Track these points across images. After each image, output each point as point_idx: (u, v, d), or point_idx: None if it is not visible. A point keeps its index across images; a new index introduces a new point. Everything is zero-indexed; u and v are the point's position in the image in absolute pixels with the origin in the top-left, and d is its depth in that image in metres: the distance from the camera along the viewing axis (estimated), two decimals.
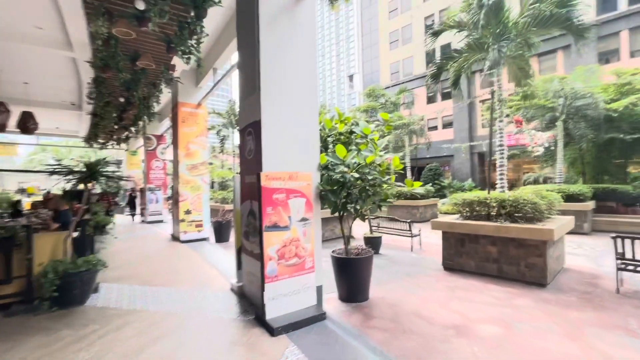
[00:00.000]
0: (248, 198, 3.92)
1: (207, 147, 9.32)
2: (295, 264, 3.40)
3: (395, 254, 7.14)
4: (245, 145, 4.00)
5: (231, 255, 6.65)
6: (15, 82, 8.91)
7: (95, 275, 3.97)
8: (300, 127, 3.80)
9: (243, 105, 4.18)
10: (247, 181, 3.97)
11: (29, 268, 3.75)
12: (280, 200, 3.32)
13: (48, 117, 12.56)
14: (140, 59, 5.86)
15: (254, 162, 3.69)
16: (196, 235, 8.71)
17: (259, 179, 3.25)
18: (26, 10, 5.72)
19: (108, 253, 6.99)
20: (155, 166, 14.05)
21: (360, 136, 4.34)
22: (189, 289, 4.49)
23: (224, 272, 5.31)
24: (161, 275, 5.23)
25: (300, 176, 3.50)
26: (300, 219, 3.45)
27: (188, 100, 8.99)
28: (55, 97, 10.47)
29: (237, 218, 4.39)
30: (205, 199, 9.10)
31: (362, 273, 4.36)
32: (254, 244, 3.69)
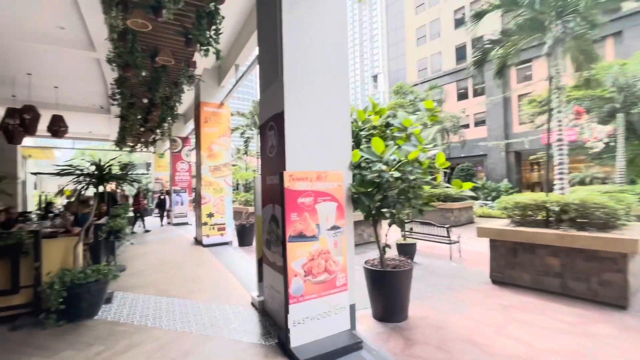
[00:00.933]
0: (270, 202, 3.44)
1: (230, 148, 9.02)
2: (325, 280, 2.85)
3: (432, 263, 6.42)
4: (267, 141, 3.51)
5: (253, 262, 6.23)
6: (46, 87, 9.06)
7: (105, 286, 3.64)
8: (329, 119, 3.26)
9: (263, 97, 3.71)
10: (268, 182, 3.49)
11: (36, 277, 3.47)
12: (307, 204, 2.79)
13: (79, 121, 12.86)
14: (159, 55, 5.58)
15: (277, 161, 3.20)
16: (219, 239, 8.40)
17: (282, 180, 2.74)
18: (48, 9, 5.61)
19: (128, 257, 6.80)
20: (181, 168, 14.06)
21: (397, 129, 3.73)
22: (206, 301, 4.07)
23: (245, 282, 4.86)
24: (179, 283, 4.87)
25: (330, 176, 2.95)
26: (330, 227, 2.90)
27: (210, 100, 8.73)
28: (84, 100, 10.63)
29: (257, 224, 3.92)
30: (228, 201, 8.79)
31: (401, 288, 3.74)
32: (277, 255, 3.19)
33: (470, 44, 25.93)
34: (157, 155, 18.06)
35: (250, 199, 10.65)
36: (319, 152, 3.14)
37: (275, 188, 3.25)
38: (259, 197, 3.89)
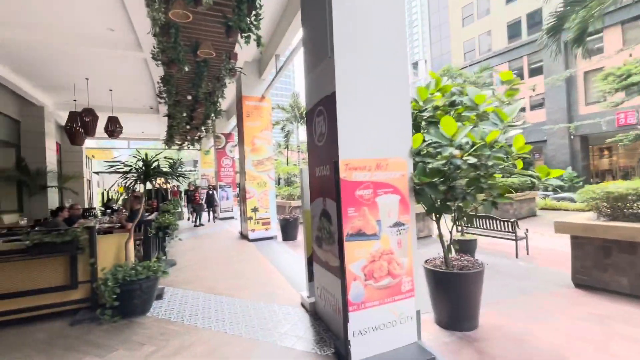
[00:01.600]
0: (320, 195, 3.11)
1: (272, 142, 8.90)
2: (388, 285, 2.46)
3: (497, 262, 5.71)
4: (315, 128, 3.17)
5: (299, 258, 6.00)
6: (102, 90, 9.61)
7: (155, 283, 3.59)
8: (386, 99, 2.82)
9: (310, 80, 3.36)
10: (317, 174, 3.16)
11: (92, 273, 3.50)
12: (366, 198, 2.41)
13: (132, 122, 13.64)
14: (200, 48, 5.50)
15: (327, 149, 2.85)
16: (264, 234, 8.35)
17: (337, 170, 2.38)
18: (98, 13, 5.78)
19: (179, 251, 6.95)
20: (225, 164, 14.39)
21: (465, 108, 3.18)
22: (254, 300, 3.89)
23: (293, 280, 4.63)
24: (227, 279, 4.78)
25: (391, 164, 2.54)
26: (392, 223, 2.49)
27: (252, 93, 8.64)
28: (135, 102, 11.17)
29: (306, 220, 3.62)
30: (272, 195, 8.70)
31: (470, 293, 3.23)
32: (329, 254, 2.86)
33: (525, 19, 23.45)
34: (203, 152, 18.76)
35: (293, 193, 10.51)
36: (376, 138, 2.73)
37: (325, 180, 2.91)
38: (307, 191, 3.58)
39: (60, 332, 3.18)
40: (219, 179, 14.03)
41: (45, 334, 3.14)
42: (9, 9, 5.49)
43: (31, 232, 3.20)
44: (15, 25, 5.97)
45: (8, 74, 8.18)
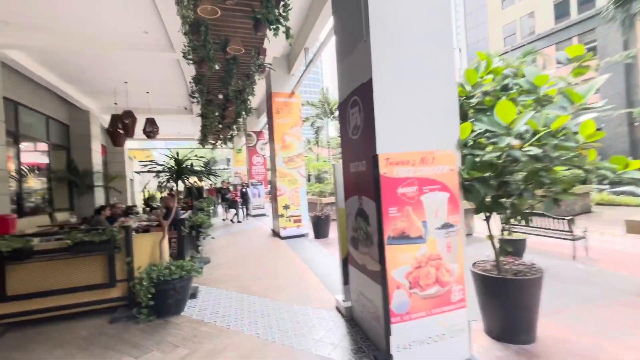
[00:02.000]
0: (355, 193, 2.87)
1: (302, 138, 8.77)
2: (437, 295, 2.18)
3: (550, 264, 5.15)
4: (349, 121, 2.94)
5: (332, 257, 5.81)
6: (139, 92, 9.99)
7: (189, 283, 3.56)
8: (429, 85, 2.51)
9: (343, 68, 3.13)
10: (352, 170, 2.92)
11: (129, 272, 3.53)
12: (410, 196, 2.14)
13: (168, 123, 14.16)
14: (229, 45, 5.44)
15: (363, 143, 2.60)
16: (295, 231, 8.26)
17: (376, 165, 2.13)
18: (132, 16, 5.91)
19: (213, 249, 7.03)
20: (257, 162, 14.54)
21: (520, 92, 2.77)
22: (288, 302, 3.75)
23: (326, 281, 4.44)
24: (260, 279, 4.70)
25: (438, 158, 2.24)
26: (440, 224, 2.21)
27: (281, 89, 8.55)
28: (170, 103, 11.54)
29: (340, 219, 3.40)
30: (303, 192, 8.58)
31: (527, 302, 2.85)
32: (367, 257, 2.62)
33: None
34: (236, 150, 19.15)
35: (324, 189, 10.34)
36: (419, 128, 2.44)
37: (361, 176, 2.67)
38: (341, 188, 3.36)
39: (100, 329, 3.24)
40: (250, 177, 14.21)
41: (87, 331, 3.21)
42: (51, 16, 5.76)
43: (72, 231, 3.27)
44: (58, 32, 6.28)
45: (56, 81, 8.73)
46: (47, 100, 9.24)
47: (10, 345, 2.98)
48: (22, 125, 8.19)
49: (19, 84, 7.85)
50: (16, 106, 7.94)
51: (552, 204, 2.77)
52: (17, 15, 5.65)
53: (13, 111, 7.87)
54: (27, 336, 3.13)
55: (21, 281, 3.28)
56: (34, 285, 3.31)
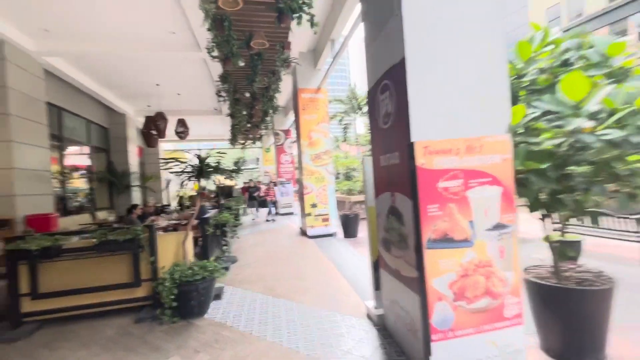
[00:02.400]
0: (386, 189, 2.57)
1: (329, 135, 8.51)
2: (487, 308, 1.83)
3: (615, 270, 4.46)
4: (378, 109, 2.63)
5: (362, 258, 5.50)
6: (171, 94, 10.25)
7: (212, 284, 3.43)
8: (473, 60, 2.15)
9: (371, 53, 2.82)
10: (383, 164, 2.62)
11: (153, 271, 3.47)
12: (453, 191, 1.81)
13: (199, 124, 14.50)
14: (253, 39, 5.31)
15: (395, 132, 2.29)
16: (323, 230, 8.03)
17: (411, 155, 1.82)
18: (159, 17, 5.97)
19: (241, 247, 6.98)
20: (284, 160, 14.50)
21: (587, 66, 2.31)
22: (314, 306, 3.51)
23: (356, 285, 4.15)
24: (286, 280, 4.51)
25: (488, 145, 1.88)
26: (492, 225, 1.85)
27: (307, 85, 8.34)
28: (200, 104, 11.76)
29: (370, 218, 3.10)
30: (331, 190, 8.32)
31: (596, 316, 2.38)
32: (401, 262, 2.31)
33: None
34: (264, 149, 19.32)
35: (353, 187, 10.01)
36: (460, 112, 2.08)
37: (393, 170, 2.36)
38: (370, 184, 3.06)
39: (125, 329, 3.20)
40: (279, 175, 14.20)
41: (113, 331, 3.18)
42: (86, 23, 5.96)
43: (98, 230, 3.25)
44: (93, 39, 6.50)
45: (95, 86, 9.16)
46: (88, 105, 9.74)
47: (39, 342, 3.00)
48: (65, 129, 8.67)
49: (62, 90, 8.30)
50: (60, 111, 8.41)
51: (628, 200, 2.30)
52: (56, 23, 5.90)
53: (57, 116, 8.34)
54: (57, 333, 3.16)
55: (52, 279, 3.33)
56: (64, 283, 3.34)
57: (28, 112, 6.28)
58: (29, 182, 6.20)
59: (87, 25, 6.06)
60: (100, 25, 6.13)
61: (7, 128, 5.77)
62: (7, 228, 5.63)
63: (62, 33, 6.22)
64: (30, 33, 6.07)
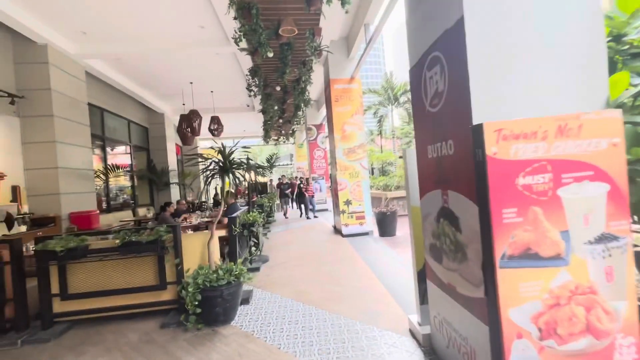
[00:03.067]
0: (436, 186, 2.10)
1: (364, 127, 8.01)
2: (588, 351, 1.33)
3: None
4: (426, 88, 2.16)
5: (401, 260, 5.01)
6: (204, 92, 10.33)
7: (238, 290, 3.17)
8: (553, 15, 1.62)
9: (415, 21, 2.35)
10: (431, 155, 2.15)
11: (178, 274, 3.30)
12: (539, 189, 1.32)
13: (234, 121, 14.63)
14: (282, 26, 4.99)
15: (449, 114, 1.83)
16: (358, 229, 7.60)
17: (479, 141, 1.35)
18: (188, 13, 5.87)
19: (273, 246, 6.78)
20: (317, 155, 14.21)
21: None
22: (349, 318, 3.13)
23: (396, 292, 3.71)
24: (319, 284, 4.17)
25: (588, 125, 1.35)
26: (596, 237, 1.33)
27: (340, 75, 7.89)
28: (233, 100, 11.77)
29: (414, 220, 2.64)
30: (366, 186, 7.85)
31: None
32: (455, 276, 1.85)
33: None
34: (297, 145, 19.18)
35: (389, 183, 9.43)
36: (540, 83, 1.57)
37: (446, 163, 1.90)
38: (413, 180, 2.59)
39: (150, 335, 3.05)
40: (312, 171, 13.94)
41: (137, 336, 3.04)
42: (120, 24, 6.03)
43: (121, 231, 3.13)
44: (127, 39, 6.59)
45: (134, 87, 9.44)
46: (129, 106, 10.10)
47: (66, 345, 2.94)
48: (107, 130, 9.04)
49: (104, 92, 8.63)
50: (102, 112, 8.77)
51: None
52: (92, 25, 6.01)
53: (100, 117, 8.70)
54: (84, 336, 3.09)
55: (81, 280, 3.27)
56: (92, 284, 3.28)
57: (71, 113, 6.52)
58: (73, 180, 6.45)
59: (121, 26, 6.12)
60: (132, 26, 6.18)
61: (52, 129, 6.01)
62: (52, 225, 5.88)
63: (98, 35, 6.36)
64: (70, 37, 6.27)
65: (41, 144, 5.99)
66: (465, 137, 1.62)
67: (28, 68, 5.94)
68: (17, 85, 5.87)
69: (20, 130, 5.92)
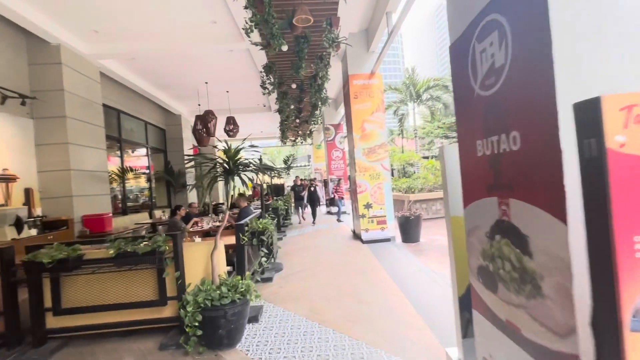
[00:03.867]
0: (488, 193, 1.60)
1: (385, 126, 7.49)
2: None
3: None
4: (474, 66, 1.67)
5: (429, 271, 4.47)
6: (220, 93, 10.12)
7: (245, 308, 2.78)
8: None
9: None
10: (481, 152, 1.65)
11: (179, 289, 2.94)
12: None
13: (250, 122, 14.42)
14: (296, 14, 4.58)
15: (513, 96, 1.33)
16: (379, 235, 7.08)
17: (594, 124, 0.86)
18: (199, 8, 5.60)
19: (289, 251, 6.39)
20: (335, 156, 13.77)
21: None
22: (374, 346, 2.66)
23: (425, 312, 3.19)
24: (337, 300, 3.72)
25: None
26: None
27: (359, 70, 7.42)
28: (249, 100, 11.52)
29: (454, 233, 2.15)
30: (387, 188, 7.32)
31: None
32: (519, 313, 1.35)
33: None
34: (315, 146, 18.81)
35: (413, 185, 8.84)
36: None
37: (508, 161, 1.40)
38: (455, 184, 2.10)
39: (146, 357, 2.71)
40: (329, 172, 13.50)
41: (132, 358, 2.70)
42: (132, 22, 5.84)
43: (116, 240, 2.80)
44: (140, 37, 6.41)
45: (150, 87, 9.35)
46: (145, 108, 10.05)
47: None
48: (124, 131, 8.97)
49: (120, 93, 8.57)
50: (118, 114, 8.70)
51: None
52: (103, 23, 5.85)
53: (116, 118, 8.64)
54: (78, 356, 2.79)
55: (75, 293, 2.98)
56: (88, 298, 2.98)
57: (85, 114, 6.40)
58: (86, 182, 6.31)
59: (131, 23, 5.93)
60: (142, 24, 5.98)
61: (64, 130, 5.89)
62: (65, 228, 5.75)
63: (110, 34, 6.20)
64: (82, 36, 6.14)
65: (54, 146, 5.88)
66: (542, 125, 1.13)
67: (41, 69, 5.85)
68: (31, 86, 5.79)
69: (33, 132, 5.83)
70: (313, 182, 9.83)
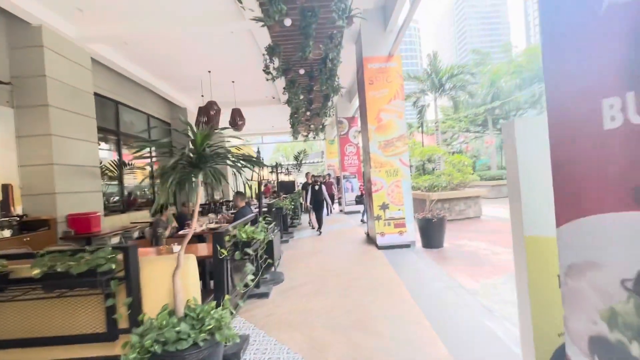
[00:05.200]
0: (630, 204, 0.76)
1: (404, 115, 6.59)
2: None
3: None
4: None
5: (456, 285, 3.59)
6: (225, 83, 9.44)
7: (213, 355, 2.02)
8: None
9: None
10: (617, 124, 0.81)
11: (131, 317, 2.22)
12: None
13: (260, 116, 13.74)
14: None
15: None
16: (397, 239, 6.22)
17: None
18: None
19: (291, 258, 5.63)
20: (349, 152, 12.90)
21: None
22: None
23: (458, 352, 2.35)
24: (342, 329, 2.93)
25: None
26: None
27: (375, 53, 6.54)
28: (256, 92, 10.81)
29: (528, 258, 1.31)
30: (406, 187, 6.43)
31: None
32: None
33: None
34: (328, 141, 17.97)
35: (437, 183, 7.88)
36: None
37: None
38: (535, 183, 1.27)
39: None
40: (342, 169, 12.66)
41: None
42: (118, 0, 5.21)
43: (46, 255, 2.10)
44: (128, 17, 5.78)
45: (151, 78, 8.77)
46: (148, 99, 9.50)
47: None
48: (123, 124, 8.43)
49: (119, 83, 8.01)
50: (117, 105, 8.16)
51: None
52: (87, 1, 5.24)
53: (114, 110, 8.11)
54: None
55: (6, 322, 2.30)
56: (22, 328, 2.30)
57: (72, 103, 5.82)
58: (73, 178, 5.74)
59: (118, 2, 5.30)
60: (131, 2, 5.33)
61: (47, 120, 5.31)
62: (46, 229, 5.20)
63: (96, 13, 5.58)
64: (66, 16, 5.54)
65: (36, 137, 5.32)
66: None
67: (22, 53, 5.29)
68: (11, 72, 5.25)
69: (14, 122, 5.29)
70: (318, 178, 8.87)
